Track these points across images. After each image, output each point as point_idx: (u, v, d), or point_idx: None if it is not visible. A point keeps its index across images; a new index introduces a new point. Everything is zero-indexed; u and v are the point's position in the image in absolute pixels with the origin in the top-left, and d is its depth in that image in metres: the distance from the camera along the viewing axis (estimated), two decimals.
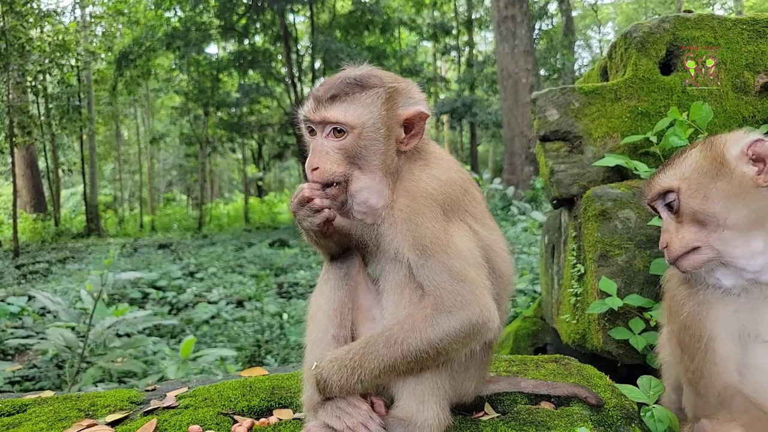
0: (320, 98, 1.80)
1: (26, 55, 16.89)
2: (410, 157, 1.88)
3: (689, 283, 2.01)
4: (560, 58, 26.06)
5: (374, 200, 1.81)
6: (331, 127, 1.80)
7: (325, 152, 1.79)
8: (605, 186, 3.37)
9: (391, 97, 1.82)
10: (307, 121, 1.84)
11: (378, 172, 1.81)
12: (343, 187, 1.80)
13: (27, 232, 21.97)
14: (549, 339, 4.79)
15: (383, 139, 1.81)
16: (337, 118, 1.78)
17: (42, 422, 2.06)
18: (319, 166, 1.78)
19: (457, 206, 1.83)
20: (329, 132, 1.80)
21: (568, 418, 1.89)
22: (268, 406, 2.15)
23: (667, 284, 2.15)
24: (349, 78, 1.82)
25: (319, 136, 1.82)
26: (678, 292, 2.05)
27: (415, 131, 1.85)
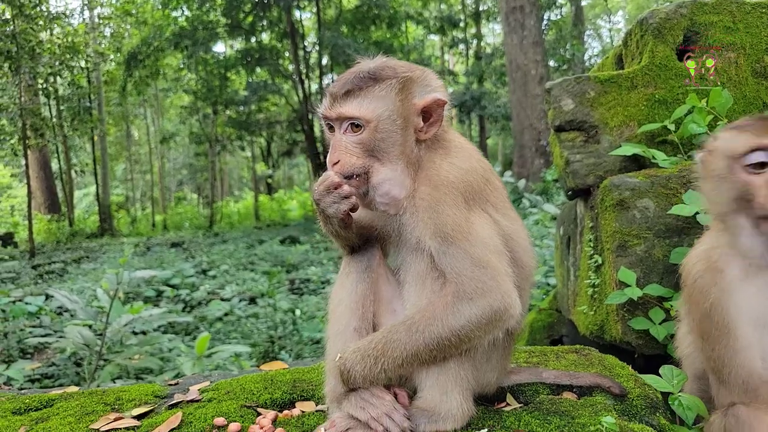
0: (335, 94, 1.81)
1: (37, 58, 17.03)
2: (431, 146, 1.87)
3: (713, 269, 2.00)
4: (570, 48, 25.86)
5: (396, 191, 1.81)
6: (347, 122, 1.80)
7: (344, 147, 1.80)
8: (623, 175, 3.33)
9: (405, 87, 1.81)
10: (325, 118, 1.85)
11: (398, 163, 1.81)
12: (364, 179, 1.80)
13: (42, 232, 22.20)
14: (565, 331, 4.78)
15: (400, 130, 1.81)
16: (351, 113, 1.78)
17: (70, 416, 2.08)
18: (339, 159, 1.79)
19: (478, 195, 1.83)
20: (346, 127, 1.81)
21: (591, 408, 1.88)
22: (290, 398, 2.16)
23: (688, 273, 2.12)
24: (362, 72, 1.82)
25: (337, 131, 1.83)
26: (701, 279, 2.02)
27: (433, 119, 1.85)
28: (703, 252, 2.08)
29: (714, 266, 2.00)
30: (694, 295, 2.04)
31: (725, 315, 1.94)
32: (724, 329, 1.94)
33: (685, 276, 2.14)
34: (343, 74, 1.89)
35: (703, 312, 1.99)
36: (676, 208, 2.91)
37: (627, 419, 1.88)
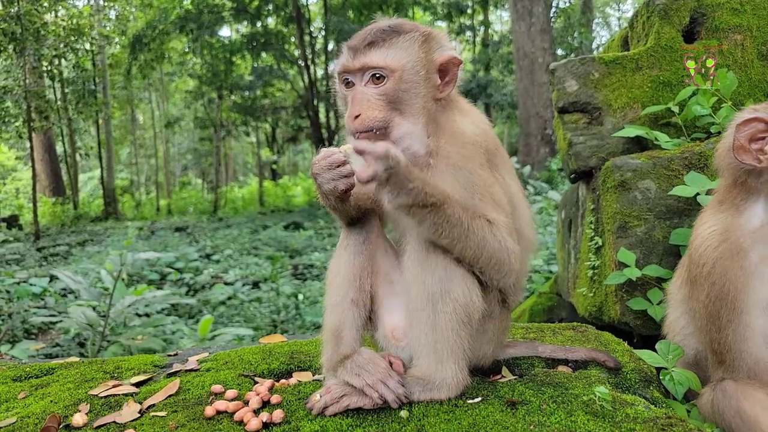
0: (357, 47, 1.80)
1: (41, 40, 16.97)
2: (445, 107, 1.88)
3: (737, 251, 1.97)
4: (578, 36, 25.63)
5: (416, 146, 1.80)
6: (370, 73, 1.79)
7: (366, 99, 1.78)
8: (625, 156, 3.32)
9: (426, 41, 1.83)
10: (345, 72, 1.83)
11: (419, 118, 1.81)
12: (384, 134, 1.78)
13: (47, 215, 22.29)
14: (564, 314, 4.78)
15: (423, 82, 1.82)
16: (377, 63, 1.78)
17: (69, 383, 2.11)
18: (360, 113, 1.76)
19: (494, 157, 1.87)
20: (368, 79, 1.80)
21: (585, 380, 1.89)
22: (287, 369, 2.18)
23: (704, 253, 2.06)
24: (383, 26, 1.83)
25: (358, 85, 1.81)
26: (722, 261, 1.99)
27: (449, 78, 1.86)
28: (721, 233, 2.03)
29: (737, 248, 1.97)
30: (712, 276, 2.01)
31: (741, 299, 1.93)
32: (737, 313, 1.93)
33: (698, 257, 2.08)
34: (360, 32, 1.87)
35: (717, 294, 1.98)
36: (678, 189, 2.90)
37: (621, 392, 1.89)
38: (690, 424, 1.61)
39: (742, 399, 1.83)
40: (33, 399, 1.98)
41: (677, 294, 2.37)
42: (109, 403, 1.91)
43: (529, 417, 1.66)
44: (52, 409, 1.85)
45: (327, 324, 1.90)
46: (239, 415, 1.71)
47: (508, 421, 1.63)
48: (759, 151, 1.98)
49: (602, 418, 1.63)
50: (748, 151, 1.99)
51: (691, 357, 2.28)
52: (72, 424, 1.74)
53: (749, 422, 1.80)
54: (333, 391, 1.77)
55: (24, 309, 9.42)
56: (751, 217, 2.00)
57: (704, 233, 2.12)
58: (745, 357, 1.94)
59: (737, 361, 1.95)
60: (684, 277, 2.30)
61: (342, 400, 1.75)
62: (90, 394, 1.98)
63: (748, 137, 1.99)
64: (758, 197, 2.01)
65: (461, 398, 1.80)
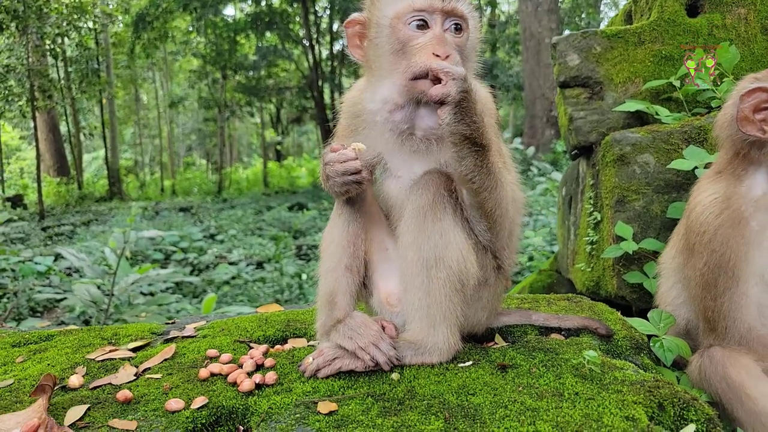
0: None
1: (44, 18, 16.88)
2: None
3: (738, 219, 1.96)
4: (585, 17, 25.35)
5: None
6: (453, 21, 1.78)
7: (450, 44, 1.74)
8: (625, 131, 3.31)
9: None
10: (423, 11, 1.75)
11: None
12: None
13: (51, 195, 22.37)
14: (564, 290, 4.80)
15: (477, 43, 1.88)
16: (463, 12, 1.79)
17: (67, 348, 2.14)
18: (450, 53, 1.70)
19: (496, 122, 1.93)
20: (449, 27, 1.78)
21: (576, 346, 1.90)
22: (283, 336, 2.20)
23: (704, 221, 2.05)
24: None
25: (436, 28, 1.76)
26: (723, 229, 1.98)
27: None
28: (723, 201, 2.02)
29: (739, 216, 1.96)
30: (712, 244, 2.00)
31: (740, 268, 1.93)
32: (735, 281, 1.94)
33: (699, 224, 2.06)
34: None
35: (718, 262, 1.97)
36: (676, 163, 2.89)
37: (611, 357, 1.91)
38: (677, 387, 1.62)
39: (729, 365, 1.84)
40: (31, 363, 2.01)
41: (670, 263, 2.36)
42: (105, 367, 1.93)
43: (518, 379, 1.67)
44: (49, 372, 1.87)
45: (321, 290, 1.92)
46: (233, 377, 1.73)
47: (498, 383, 1.65)
48: (763, 122, 1.96)
49: (590, 380, 1.65)
50: (752, 122, 1.97)
51: (682, 326, 2.29)
52: (68, 386, 1.77)
53: (734, 387, 1.82)
54: (325, 353, 1.79)
55: (29, 287, 9.50)
56: (753, 186, 1.99)
57: (705, 201, 2.10)
58: (738, 325, 1.94)
59: (730, 329, 1.96)
60: (679, 246, 2.29)
61: (334, 362, 1.77)
62: (87, 359, 2.01)
63: (751, 108, 1.97)
64: (759, 167, 2.00)
65: (452, 362, 1.82)
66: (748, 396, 1.79)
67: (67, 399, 1.66)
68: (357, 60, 1.89)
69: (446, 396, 1.59)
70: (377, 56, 1.82)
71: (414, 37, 1.75)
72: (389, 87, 1.80)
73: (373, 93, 1.86)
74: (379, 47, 1.80)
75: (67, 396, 1.69)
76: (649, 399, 1.55)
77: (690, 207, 2.20)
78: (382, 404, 1.55)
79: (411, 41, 1.75)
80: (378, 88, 1.84)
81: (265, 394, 1.65)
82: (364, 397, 1.60)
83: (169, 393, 1.67)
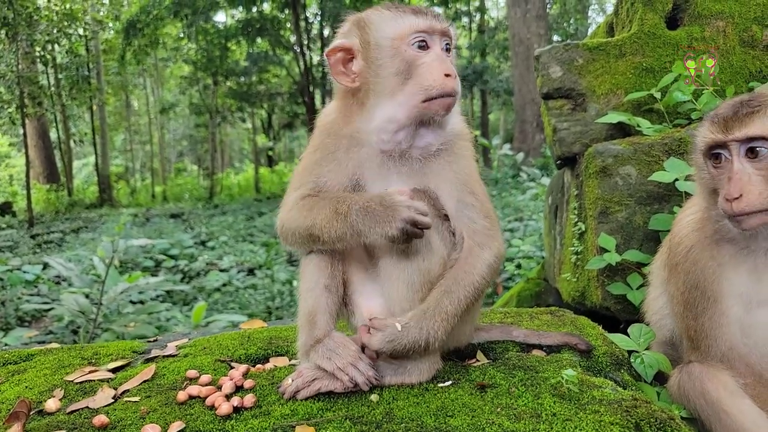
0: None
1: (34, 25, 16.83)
2: None
3: (711, 242, 1.98)
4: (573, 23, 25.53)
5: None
6: (446, 41, 1.85)
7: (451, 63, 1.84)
8: (607, 142, 3.33)
9: None
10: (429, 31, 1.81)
11: None
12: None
13: (41, 202, 22.22)
14: (551, 300, 4.81)
15: None
16: (452, 34, 1.88)
17: (46, 369, 2.13)
18: (454, 73, 1.80)
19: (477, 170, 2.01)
20: (443, 46, 1.83)
21: (557, 363, 1.91)
22: (265, 354, 2.20)
23: (680, 241, 2.08)
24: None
25: (437, 48, 1.81)
26: (696, 250, 2.00)
27: None
28: (697, 221, 2.05)
29: (710, 239, 1.98)
30: (686, 264, 2.02)
31: (716, 289, 1.94)
32: (713, 302, 1.94)
33: (676, 243, 2.10)
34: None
35: (693, 282, 1.99)
36: (657, 175, 2.91)
37: (591, 374, 1.92)
38: (654, 406, 1.63)
39: (707, 381, 1.86)
40: (8, 385, 1.99)
41: (658, 273, 2.37)
42: (83, 389, 1.92)
43: (497, 400, 1.68)
44: (26, 395, 1.86)
45: (301, 309, 1.92)
46: (210, 400, 1.72)
47: (476, 403, 1.66)
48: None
49: (568, 400, 1.65)
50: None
51: (667, 337, 2.31)
52: (45, 410, 1.75)
53: (712, 403, 1.83)
54: (304, 375, 1.79)
55: (17, 296, 9.42)
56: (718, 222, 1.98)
57: (684, 220, 2.13)
58: (720, 343, 1.95)
59: (712, 347, 1.96)
60: (665, 259, 2.30)
61: (313, 383, 1.77)
62: (65, 380, 2.00)
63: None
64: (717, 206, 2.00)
65: (432, 382, 1.82)
66: (726, 412, 1.80)
67: (44, 424, 1.65)
68: (345, 86, 1.88)
69: (424, 418, 1.59)
70: (378, 78, 1.82)
71: (418, 57, 1.79)
72: (393, 108, 1.81)
73: (371, 114, 1.85)
74: (381, 68, 1.81)
75: (44, 421, 1.68)
76: (626, 419, 1.56)
77: (673, 223, 2.22)
78: (359, 428, 1.55)
79: (416, 61, 1.78)
80: (377, 110, 1.84)
81: (243, 417, 1.65)
82: (342, 420, 1.59)
83: (146, 417, 1.67)
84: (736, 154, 1.84)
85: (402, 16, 1.81)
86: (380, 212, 1.68)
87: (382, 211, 1.68)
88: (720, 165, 1.90)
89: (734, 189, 1.80)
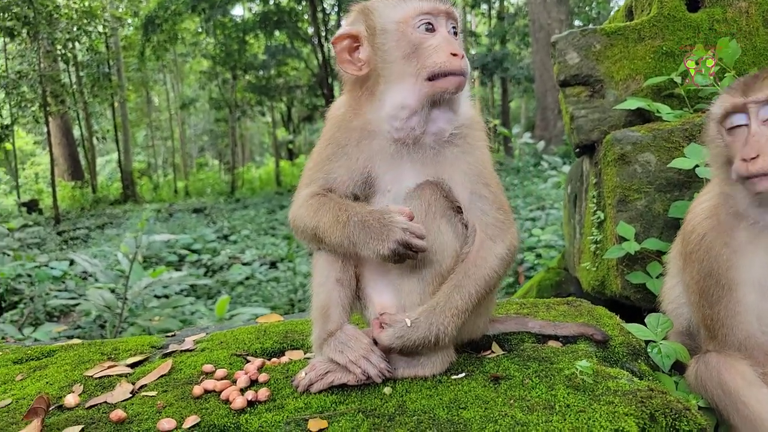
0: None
1: (54, 23, 17.08)
2: None
3: (725, 229, 1.95)
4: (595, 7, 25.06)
5: None
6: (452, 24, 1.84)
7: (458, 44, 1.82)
8: (625, 129, 3.27)
9: None
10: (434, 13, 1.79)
11: None
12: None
13: (66, 199, 22.64)
14: (572, 289, 4.77)
15: None
16: (458, 16, 1.86)
17: (66, 364, 2.17)
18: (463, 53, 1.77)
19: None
20: (449, 29, 1.82)
21: (572, 354, 1.89)
22: (280, 348, 2.21)
23: (693, 229, 2.06)
24: None
25: (443, 30, 1.80)
26: (709, 238, 1.98)
27: None
28: (710, 208, 2.02)
29: (723, 226, 1.96)
30: (699, 253, 2.00)
31: (731, 276, 1.91)
32: (728, 290, 1.92)
33: (689, 231, 2.08)
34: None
35: (707, 270, 1.96)
36: (677, 162, 2.85)
37: (608, 365, 1.89)
38: (670, 396, 1.60)
39: (724, 371, 1.82)
40: (30, 381, 2.04)
41: (675, 263, 2.35)
42: (102, 384, 1.96)
43: (510, 391, 1.67)
44: (46, 391, 1.90)
45: (314, 303, 1.92)
46: (225, 394, 1.74)
47: (489, 395, 1.65)
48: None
49: (582, 391, 1.63)
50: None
51: (684, 327, 2.27)
52: (65, 405, 1.79)
53: (730, 393, 1.80)
54: (317, 368, 1.79)
55: (45, 292, 9.63)
56: (732, 197, 1.95)
57: (698, 207, 2.10)
58: (736, 332, 1.92)
59: (729, 336, 1.94)
60: (679, 248, 2.27)
61: (326, 376, 1.77)
62: (85, 376, 2.03)
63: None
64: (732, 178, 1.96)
65: (446, 374, 1.81)
66: (743, 402, 1.77)
67: (63, 419, 1.68)
68: (352, 74, 1.86)
69: (437, 411, 1.58)
70: (386, 63, 1.80)
71: (425, 39, 1.77)
72: (403, 92, 1.79)
73: (381, 102, 1.83)
74: (388, 53, 1.79)
75: (63, 416, 1.71)
76: (641, 410, 1.53)
77: (687, 212, 2.18)
78: (372, 420, 1.55)
79: (423, 43, 1.76)
80: (387, 97, 1.81)
81: (257, 411, 1.66)
82: (355, 413, 1.60)
83: (162, 412, 1.69)
84: (754, 116, 1.84)
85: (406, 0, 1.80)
86: (376, 229, 1.67)
87: (378, 228, 1.67)
88: (735, 134, 1.89)
89: (752, 149, 1.79)
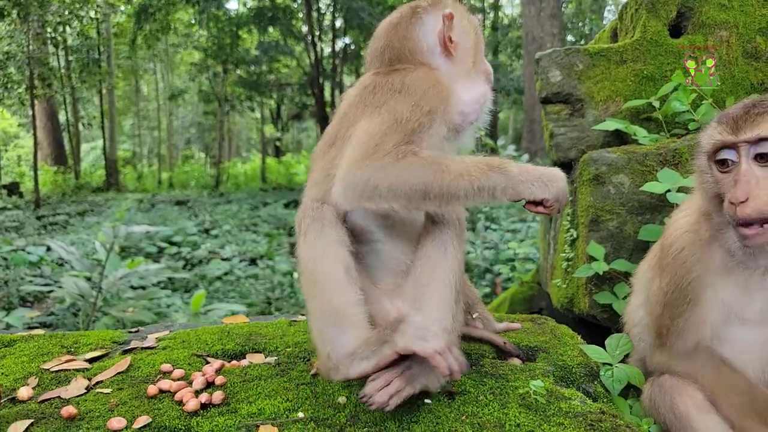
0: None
1: (46, 6, 16.84)
2: None
3: (703, 245, 1.93)
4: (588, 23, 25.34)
5: None
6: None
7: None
8: (601, 150, 3.31)
9: None
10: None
11: None
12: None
13: (48, 184, 22.35)
14: (544, 304, 4.81)
15: None
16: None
17: (25, 356, 2.14)
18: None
19: None
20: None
21: (530, 373, 1.91)
22: (242, 350, 2.20)
23: (673, 241, 2.02)
24: None
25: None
26: (687, 252, 1.95)
27: None
28: (692, 223, 2.00)
29: (703, 243, 1.94)
30: (674, 265, 1.98)
31: (699, 293, 1.90)
32: (692, 305, 1.91)
33: (667, 244, 2.05)
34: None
35: (677, 283, 1.95)
36: (649, 186, 2.89)
37: (564, 385, 1.91)
38: (620, 420, 1.63)
39: (676, 394, 1.85)
40: None
41: (642, 278, 2.33)
42: (58, 378, 1.94)
43: (463, 407, 1.68)
44: (2, 382, 1.88)
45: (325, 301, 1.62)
46: (179, 395, 1.73)
47: (442, 411, 1.66)
48: None
49: (534, 411, 1.65)
50: None
51: (645, 350, 2.28)
52: (17, 398, 1.77)
53: (681, 417, 1.82)
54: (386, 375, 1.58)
55: (20, 277, 9.50)
56: (717, 229, 1.96)
57: (678, 221, 2.08)
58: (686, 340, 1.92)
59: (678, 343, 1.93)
60: (652, 262, 2.26)
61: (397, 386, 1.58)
62: (42, 368, 2.01)
63: None
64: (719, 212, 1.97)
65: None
66: (693, 427, 1.79)
67: (14, 412, 1.66)
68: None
69: (388, 423, 1.59)
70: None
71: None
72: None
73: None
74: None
75: (15, 409, 1.69)
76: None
77: (667, 224, 2.19)
78: (322, 430, 1.56)
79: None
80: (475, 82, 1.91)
81: (209, 414, 1.65)
82: (307, 422, 1.60)
83: (114, 410, 1.68)
84: (744, 155, 1.77)
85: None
86: (543, 174, 1.60)
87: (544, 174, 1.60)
88: (726, 169, 1.83)
89: (741, 192, 1.71)
